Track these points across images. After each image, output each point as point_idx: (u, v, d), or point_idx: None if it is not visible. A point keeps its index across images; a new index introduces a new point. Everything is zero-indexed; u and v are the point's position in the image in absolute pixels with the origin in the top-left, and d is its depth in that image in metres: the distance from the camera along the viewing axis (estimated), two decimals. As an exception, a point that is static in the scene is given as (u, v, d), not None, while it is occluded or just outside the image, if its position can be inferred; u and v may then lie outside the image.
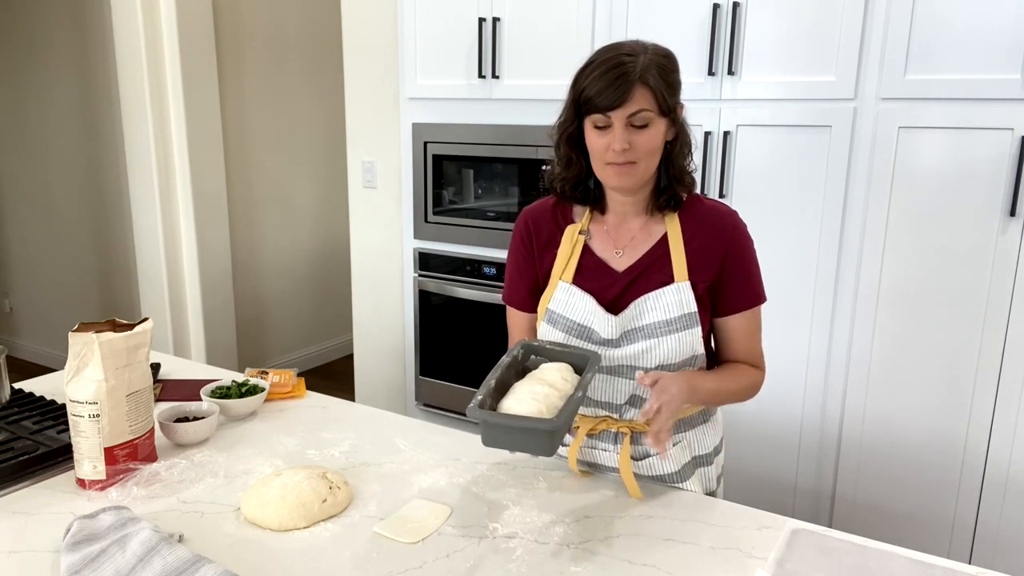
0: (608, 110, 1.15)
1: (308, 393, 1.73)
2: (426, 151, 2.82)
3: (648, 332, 1.26)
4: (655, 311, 1.25)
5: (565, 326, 1.30)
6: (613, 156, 1.17)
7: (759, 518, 1.23)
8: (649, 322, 1.25)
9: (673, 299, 1.25)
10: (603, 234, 1.31)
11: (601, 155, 1.20)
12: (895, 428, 2.14)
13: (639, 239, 1.29)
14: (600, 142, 1.19)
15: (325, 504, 1.20)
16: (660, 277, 1.27)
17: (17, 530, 1.16)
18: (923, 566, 1.09)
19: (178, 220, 3.63)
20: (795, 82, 2.12)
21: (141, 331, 1.31)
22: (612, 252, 1.30)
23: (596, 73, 1.15)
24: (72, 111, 4.04)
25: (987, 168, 1.92)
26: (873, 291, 2.11)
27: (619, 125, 1.16)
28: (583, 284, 1.29)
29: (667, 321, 1.25)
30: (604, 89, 1.14)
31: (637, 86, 1.14)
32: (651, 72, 1.15)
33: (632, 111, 1.15)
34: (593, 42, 2.41)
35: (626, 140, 1.16)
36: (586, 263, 1.30)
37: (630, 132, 1.16)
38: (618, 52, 1.16)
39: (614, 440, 1.34)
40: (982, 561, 2.06)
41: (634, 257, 1.29)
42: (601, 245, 1.31)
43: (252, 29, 3.92)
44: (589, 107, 1.17)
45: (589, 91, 1.16)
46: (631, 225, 1.30)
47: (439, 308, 2.90)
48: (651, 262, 1.27)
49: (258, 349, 4.21)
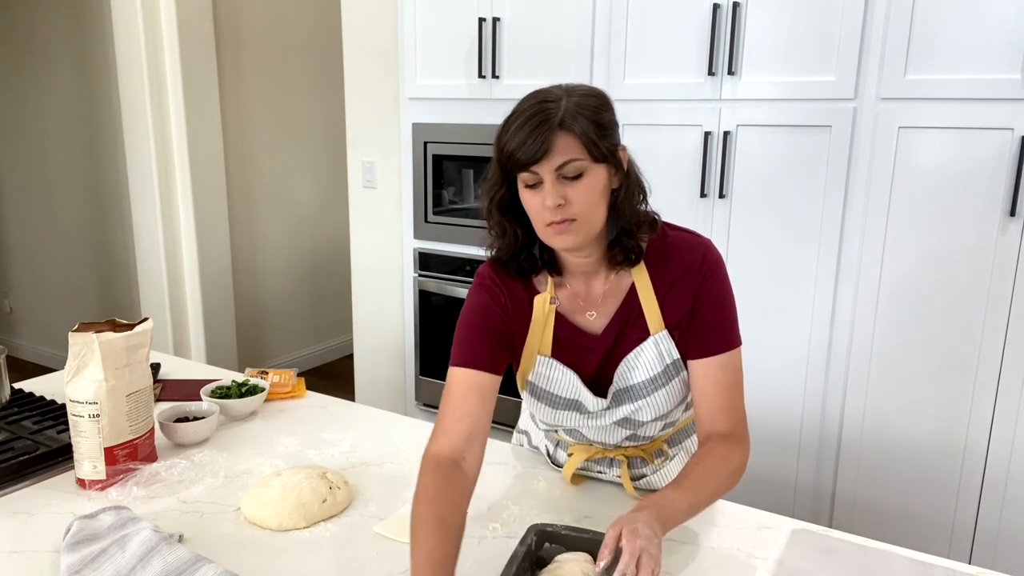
0: (532, 164, 1.02)
1: (308, 393, 1.74)
2: (426, 151, 2.82)
3: (635, 393, 1.18)
4: (637, 371, 1.17)
5: (550, 400, 1.22)
6: (549, 215, 1.04)
7: (759, 518, 1.23)
8: (635, 383, 1.17)
9: (653, 354, 1.16)
10: (570, 298, 1.19)
11: (539, 215, 1.05)
12: (895, 428, 2.14)
13: (609, 294, 1.18)
14: (534, 202, 1.05)
15: (325, 504, 1.20)
16: (636, 334, 1.17)
17: (17, 530, 1.16)
18: (923, 566, 1.09)
19: (178, 220, 3.63)
20: (795, 82, 2.12)
21: (141, 331, 1.31)
22: (584, 315, 1.19)
23: (515, 126, 1.03)
24: (72, 111, 4.04)
25: (987, 168, 1.92)
26: (873, 291, 2.11)
27: (549, 180, 1.02)
28: (562, 357, 1.19)
29: (652, 379, 1.17)
30: (524, 141, 1.01)
31: (559, 134, 1.01)
32: (574, 116, 1.02)
33: (559, 162, 1.02)
34: (593, 42, 2.41)
35: (559, 195, 1.02)
36: (561, 333, 1.19)
37: (563, 185, 1.03)
38: (538, 99, 1.04)
39: (609, 464, 1.33)
40: (982, 561, 2.06)
41: (608, 316, 1.18)
42: (571, 309, 1.19)
43: (252, 29, 3.92)
44: (513, 165, 1.04)
45: (510, 146, 1.03)
46: (596, 282, 1.18)
47: (439, 308, 2.90)
48: (625, 318, 1.17)
49: (258, 349, 4.21)
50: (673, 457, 1.33)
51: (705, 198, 2.27)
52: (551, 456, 1.41)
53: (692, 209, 2.30)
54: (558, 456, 1.39)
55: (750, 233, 2.24)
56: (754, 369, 2.29)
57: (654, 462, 1.31)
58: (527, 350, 1.20)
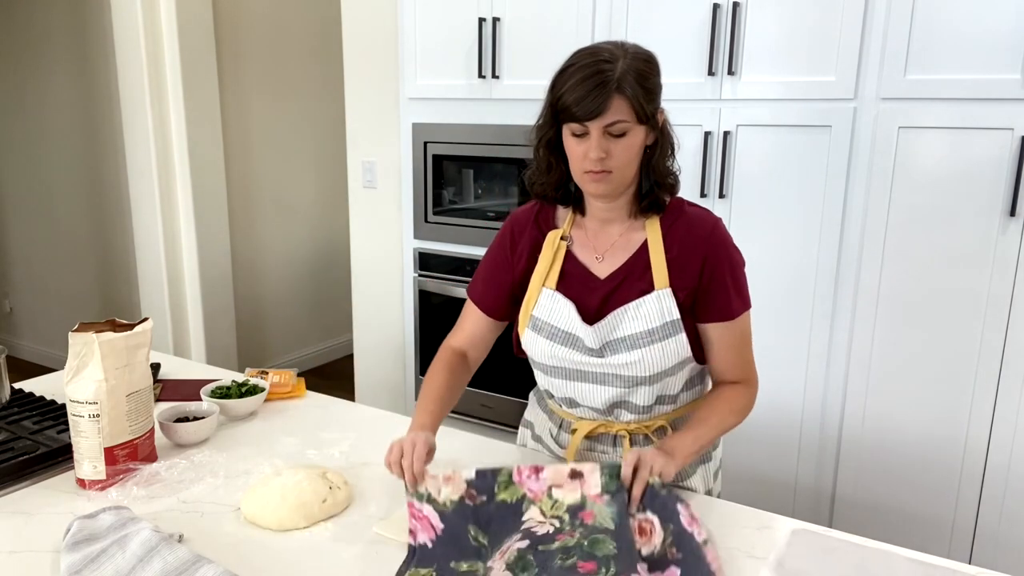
0: (585, 120, 1.12)
1: (308, 393, 1.73)
2: (426, 151, 2.82)
3: (631, 343, 1.23)
4: (636, 321, 1.23)
5: (550, 333, 1.28)
6: (590, 164, 1.15)
7: (759, 518, 1.23)
8: (630, 332, 1.23)
9: (654, 308, 1.23)
10: (584, 239, 1.29)
11: (579, 162, 1.17)
12: (895, 428, 2.14)
13: (619, 245, 1.27)
14: (578, 150, 1.16)
15: (325, 504, 1.20)
16: (640, 286, 1.24)
17: (17, 530, 1.16)
18: (923, 566, 1.09)
19: (178, 220, 3.63)
20: (795, 82, 2.12)
21: (141, 331, 1.31)
22: (592, 258, 1.28)
23: (573, 81, 1.12)
24: (72, 111, 4.04)
25: (987, 168, 1.92)
26: (873, 291, 2.11)
27: (596, 134, 1.13)
28: (565, 291, 1.27)
29: (649, 331, 1.23)
30: (582, 99, 1.11)
31: (614, 96, 1.11)
32: (628, 80, 1.12)
33: (609, 121, 1.12)
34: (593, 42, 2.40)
35: (603, 149, 1.13)
36: (568, 269, 1.28)
37: (607, 141, 1.14)
38: (596, 58, 1.13)
39: (612, 443, 1.34)
40: (982, 561, 2.06)
41: (614, 264, 1.27)
42: (582, 251, 1.29)
43: (252, 29, 3.92)
44: (566, 115, 1.14)
45: (566, 99, 1.13)
46: (611, 231, 1.28)
47: (439, 308, 2.90)
48: (631, 270, 1.25)
49: (258, 349, 4.21)
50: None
51: (705, 198, 2.27)
52: (555, 439, 1.41)
53: (692, 209, 2.30)
54: (561, 439, 1.40)
55: (750, 233, 2.24)
56: (754, 369, 2.29)
57: (656, 440, 1.32)
58: (533, 283, 1.31)
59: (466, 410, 2.91)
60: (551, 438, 1.42)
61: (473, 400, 2.88)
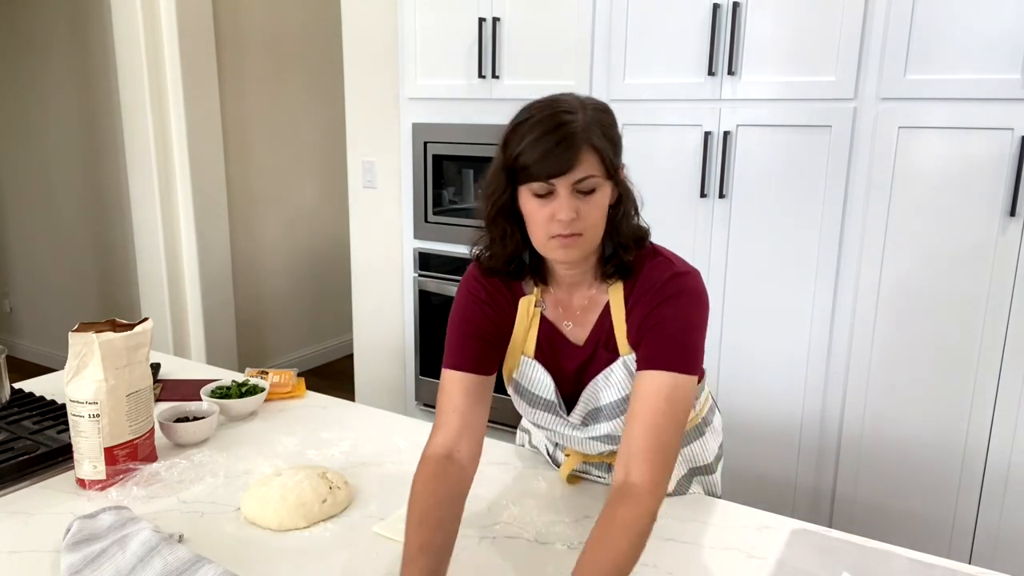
0: (552, 177, 1.00)
1: (308, 393, 1.74)
2: (426, 151, 2.82)
3: (609, 412, 1.18)
4: (607, 390, 1.16)
5: (531, 400, 1.23)
6: (559, 228, 1.02)
7: (759, 518, 1.23)
8: (607, 402, 1.17)
9: (622, 374, 1.15)
10: (553, 305, 1.19)
11: (543, 227, 1.03)
12: (895, 428, 2.14)
13: (588, 309, 1.17)
14: (541, 213, 1.03)
15: (325, 504, 1.20)
16: (607, 355, 1.16)
17: (17, 530, 1.16)
18: (923, 566, 1.09)
19: (178, 220, 3.63)
20: (795, 82, 2.12)
21: (141, 331, 1.31)
22: (563, 324, 1.19)
23: (535, 135, 1.01)
24: (72, 111, 4.04)
25: (987, 168, 1.92)
26: (873, 291, 2.11)
27: (564, 193, 1.00)
28: (542, 359, 1.20)
29: (624, 398, 1.15)
30: (548, 152, 0.99)
31: (583, 148, 1.00)
32: (595, 131, 1.01)
33: (579, 177, 1.00)
34: (593, 42, 2.41)
35: (573, 209, 1.01)
36: (544, 335, 1.19)
37: (576, 199, 1.01)
38: (555, 109, 1.03)
39: (608, 469, 1.33)
40: (982, 561, 2.06)
41: (585, 330, 1.18)
42: (556, 316, 1.19)
43: (252, 29, 3.92)
44: (527, 175, 1.01)
45: (527, 157, 1.00)
46: (579, 294, 1.17)
47: (439, 308, 2.90)
48: (599, 336, 1.16)
49: (258, 349, 4.21)
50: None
51: (705, 198, 2.27)
52: (551, 456, 1.41)
53: (692, 209, 2.30)
54: (557, 456, 1.40)
55: (750, 233, 2.24)
56: (754, 369, 2.29)
57: None
58: (512, 349, 1.20)
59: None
60: (547, 453, 1.42)
61: (473, 400, 2.88)
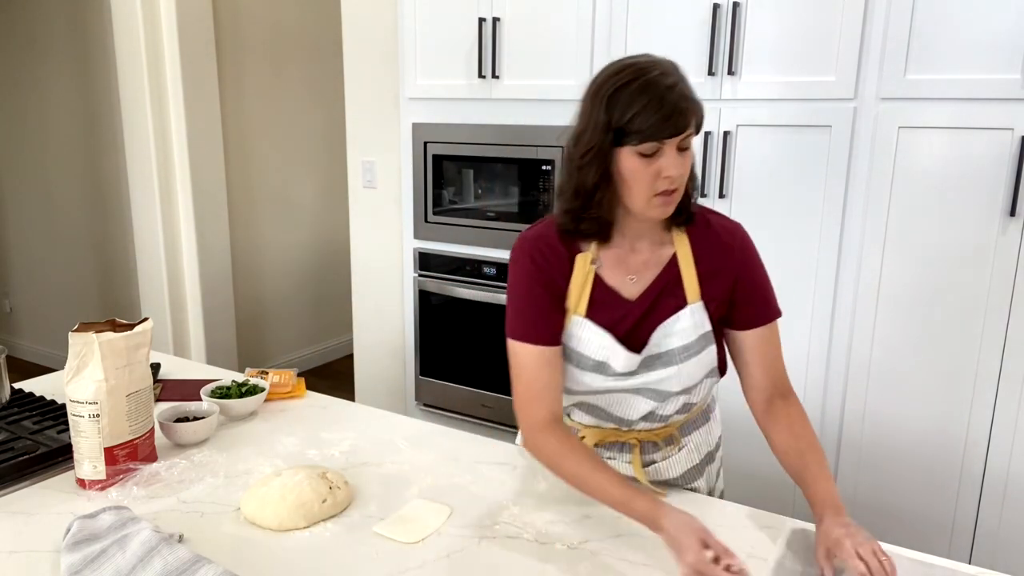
0: (667, 137, 1.07)
1: (308, 393, 1.74)
2: (426, 151, 2.82)
3: (667, 359, 1.22)
4: (672, 337, 1.21)
5: (577, 360, 1.24)
6: (666, 183, 1.09)
7: (759, 518, 1.23)
8: (668, 349, 1.22)
9: (689, 322, 1.21)
10: (613, 261, 1.22)
11: (649, 184, 1.10)
12: (895, 428, 2.14)
13: (650, 263, 1.22)
14: (647, 171, 1.09)
15: (325, 504, 1.20)
16: (674, 302, 1.21)
17: (17, 530, 1.16)
18: (923, 566, 1.09)
19: (178, 220, 3.63)
20: (795, 82, 2.12)
21: (141, 331, 1.31)
22: (624, 279, 1.22)
23: (647, 100, 1.05)
24: (72, 111, 4.04)
25: (987, 168, 1.92)
26: (873, 291, 2.11)
27: (672, 151, 1.08)
28: (596, 317, 1.22)
29: (686, 346, 1.21)
30: (666, 119, 1.05)
31: (690, 109, 1.08)
32: (691, 91, 1.09)
33: (685, 135, 1.08)
34: (593, 42, 2.41)
35: (680, 165, 1.09)
36: (597, 295, 1.22)
37: (678, 156, 1.09)
38: (658, 71, 1.07)
39: (620, 449, 1.34)
40: (982, 561, 2.06)
41: (645, 283, 1.22)
42: (611, 273, 1.22)
43: (252, 29, 3.92)
44: (642, 136, 1.06)
45: (643, 121, 1.05)
46: (641, 248, 1.22)
47: (439, 308, 2.90)
48: (663, 286, 1.22)
49: (258, 349, 4.21)
50: (683, 447, 1.34)
51: (705, 198, 2.27)
52: None
53: (692, 209, 2.30)
54: None
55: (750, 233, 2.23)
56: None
57: (664, 449, 1.33)
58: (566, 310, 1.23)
59: (466, 410, 2.91)
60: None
61: (473, 400, 2.88)
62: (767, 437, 1.25)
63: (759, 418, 1.27)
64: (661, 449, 1.33)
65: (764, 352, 1.26)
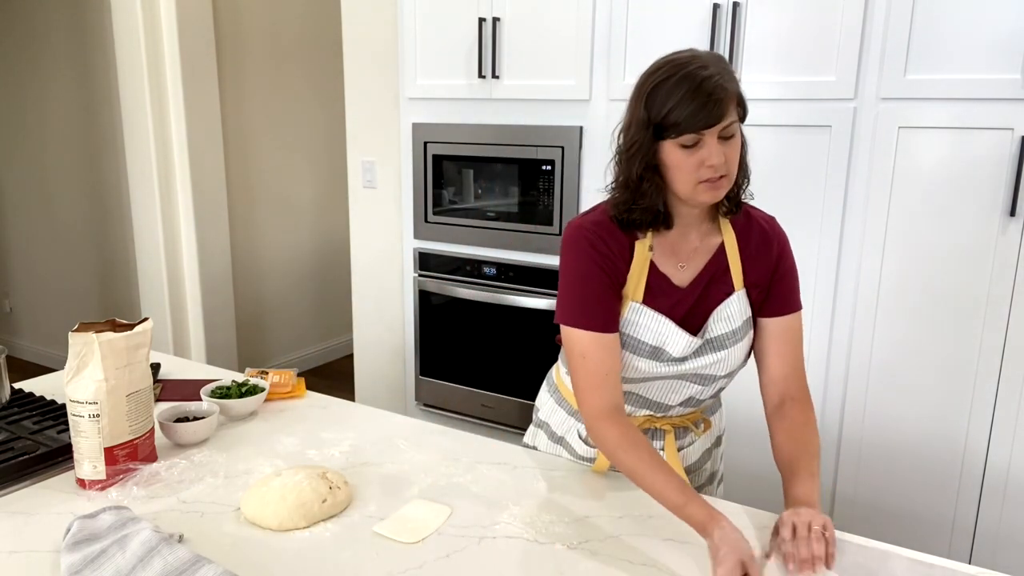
0: (704, 128, 1.10)
1: (308, 393, 1.73)
2: (426, 151, 2.82)
3: (718, 344, 1.26)
4: (722, 323, 1.26)
5: (633, 347, 1.25)
6: (709, 172, 1.13)
7: (759, 518, 1.23)
8: (718, 334, 1.26)
9: (736, 308, 1.26)
10: (664, 248, 1.26)
11: (692, 174, 1.14)
12: (895, 428, 2.14)
13: (700, 251, 1.27)
14: (690, 161, 1.13)
15: (325, 504, 1.20)
16: (723, 288, 1.26)
17: (17, 530, 1.16)
18: (923, 566, 1.09)
19: (178, 220, 3.63)
20: (795, 82, 2.12)
21: (141, 331, 1.31)
22: (675, 267, 1.26)
23: (682, 92, 1.09)
24: (72, 111, 4.04)
25: (987, 168, 1.92)
26: (873, 291, 2.11)
27: (712, 141, 1.11)
28: (652, 303, 1.25)
29: (734, 331, 1.26)
30: (702, 107, 1.09)
31: (728, 99, 1.11)
32: (730, 81, 1.12)
33: (724, 124, 1.11)
34: (593, 42, 2.41)
35: (722, 154, 1.12)
36: (652, 281, 1.25)
37: (722, 145, 1.13)
38: (692, 66, 1.11)
39: (652, 436, 1.36)
40: (982, 561, 2.06)
41: (695, 271, 1.26)
42: (663, 260, 1.26)
43: (252, 29, 3.92)
44: (678, 129, 1.11)
45: (679, 113, 1.10)
46: (691, 236, 1.26)
47: (439, 308, 2.90)
48: (712, 274, 1.26)
49: (258, 349, 4.21)
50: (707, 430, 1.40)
51: (705, 198, 2.27)
52: (585, 440, 1.40)
53: (692, 209, 2.30)
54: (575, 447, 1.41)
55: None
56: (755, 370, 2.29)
57: (693, 432, 1.38)
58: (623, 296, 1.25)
59: (466, 410, 2.91)
60: (579, 438, 1.41)
61: (473, 400, 2.88)
62: (770, 436, 1.27)
63: (768, 415, 1.30)
64: (691, 432, 1.38)
65: (784, 340, 1.30)
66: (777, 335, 1.30)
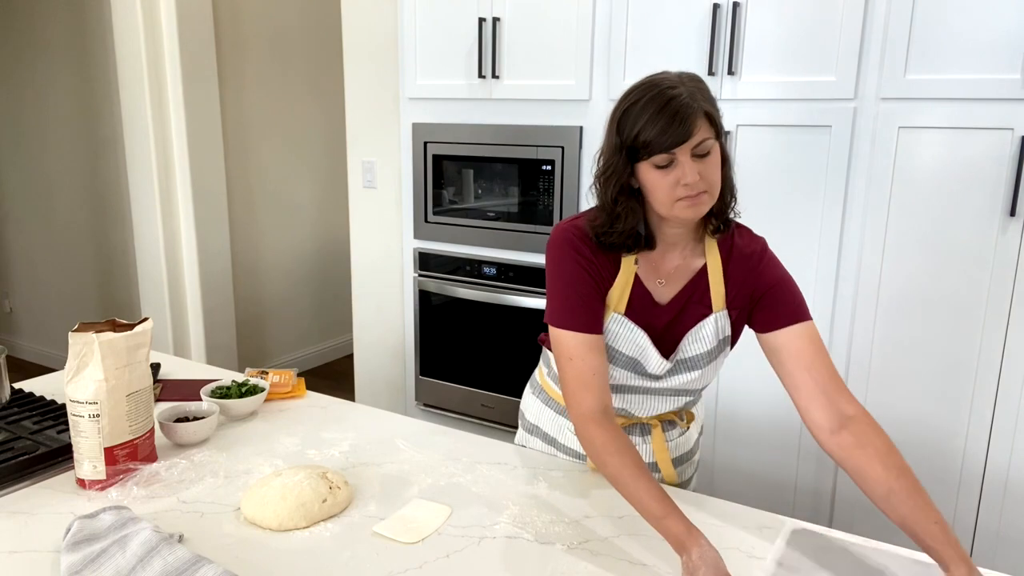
0: (673, 147, 1.10)
1: (308, 393, 1.74)
2: (426, 151, 2.82)
3: (691, 364, 1.28)
4: (697, 344, 1.27)
5: (612, 356, 1.27)
6: (685, 191, 1.12)
7: (759, 518, 1.23)
8: (692, 355, 1.28)
9: (711, 329, 1.26)
10: (648, 264, 1.27)
11: (668, 192, 1.13)
12: (895, 428, 2.14)
13: (681, 270, 1.27)
14: (665, 181, 1.13)
15: (325, 504, 1.20)
16: (700, 310, 1.27)
17: (17, 530, 1.16)
18: (923, 566, 1.09)
19: (178, 220, 3.63)
20: (795, 82, 2.12)
21: (141, 331, 1.31)
22: (654, 283, 1.27)
23: (650, 113, 1.11)
24: (72, 111, 4.04)
25: (987, 168, 1.92)
26: (873, 291, 2.11)
27: (685, 159, 1.11)
28: (633, 317, 1.26)
29: (708, 352, 1.28)
30: (668, 126, 1.09)
31: (696, 116, 1.10)
32: (700, 98, 1.12)
33: (696, 142, 1.11)
34: (593, 42, 2.41)
35: (696, 171, 1.11)
36: (635, 295, 1.26)
37: (696, 163, 1.12)
38: (661, 87, 1.12)
39: (640, 432, 1.39)
40: (982, 561, 2.06)
41: (675, 289, 1.27)
42: (646, 275, 1.27)
43: (252, 29, 3.92)
44: (649, 149, 1.11)
45: (647, 134, 1.10)
46: (674, 255, 1.27)
47: (439, 308, 2.90)
48: (691, 294, 1.26)
49: (258, 349, 4.21)
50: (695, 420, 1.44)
51: (705, 198, 2.27)
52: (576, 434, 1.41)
53: (692, 209, 2.30)
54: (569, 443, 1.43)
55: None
56: (753, 369, 2.29)
57: (681, 423, 1.41)
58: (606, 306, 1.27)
59: (466, 410, 2.91)
60: (572, 434, 1.43)
61: (473, 400, 2.88)
62: (846, 462, 1.13)
63: (826, 441, 1.15)
64: (678, 425, 1.41)
65: (807, 353, 1.19)
66: (796, 349, 1.20)
